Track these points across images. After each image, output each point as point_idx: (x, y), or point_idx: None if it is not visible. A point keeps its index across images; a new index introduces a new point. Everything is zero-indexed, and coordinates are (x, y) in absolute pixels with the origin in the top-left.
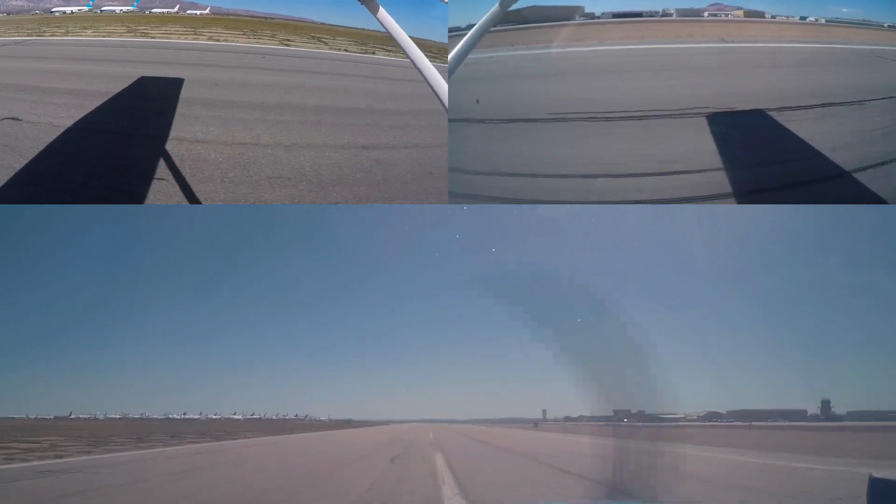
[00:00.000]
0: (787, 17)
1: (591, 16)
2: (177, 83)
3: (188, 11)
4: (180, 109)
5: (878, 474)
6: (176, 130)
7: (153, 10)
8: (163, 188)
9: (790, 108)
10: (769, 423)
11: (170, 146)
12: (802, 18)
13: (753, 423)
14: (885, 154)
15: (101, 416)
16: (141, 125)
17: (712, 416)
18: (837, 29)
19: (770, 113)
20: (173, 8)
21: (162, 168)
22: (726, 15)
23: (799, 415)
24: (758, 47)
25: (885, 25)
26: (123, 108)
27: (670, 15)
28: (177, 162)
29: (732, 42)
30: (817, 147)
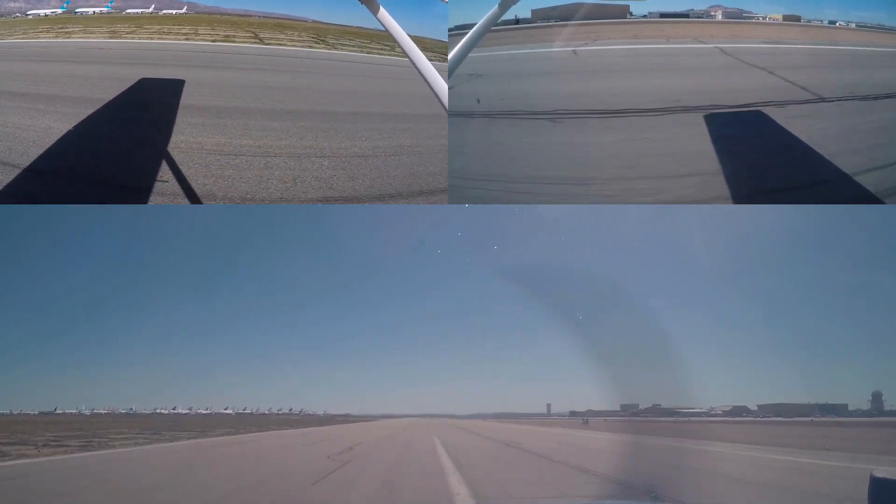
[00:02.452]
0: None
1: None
2: (177, 84)
3: (164, 11)
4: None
5: (879, 473)
6: None
7: (128, 11)
8: (164, 189)
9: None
10: (814, 419)
11: None
12: (832, 23)
13: (815, 419)
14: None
15: (88, 412)
16: (143, 126)
17: (739, 410)
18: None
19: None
20: (148, 8)
21: (164, 169)
22: (765, 18)
23: (839, 409)
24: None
25: None
26: (124, 108)
27: (714, 16)
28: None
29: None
30: (818, 146)
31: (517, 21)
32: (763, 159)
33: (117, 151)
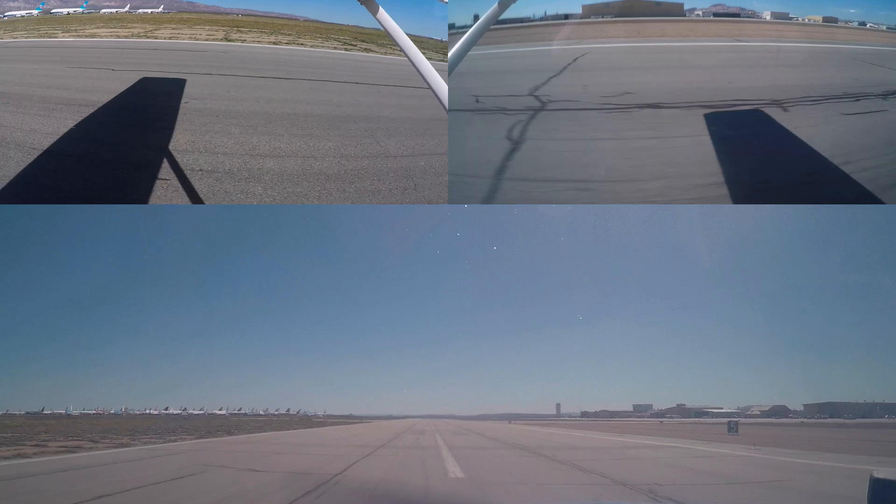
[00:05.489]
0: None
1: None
2: (178, 83)
3: (139, 10)
4: None
5: (879, 474)
6: None
7: (103, 11)
8: (164, 188)
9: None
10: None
11: None
12: (861, 24)
13: None
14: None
15: (77, 413)
16: (143, 126)
17: (779, 410)
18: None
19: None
20: (124, 7)
21: (164, 168)
22: (804, 19)
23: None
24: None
25: None
26: (125, 108)
27: (761, 17)
28: None
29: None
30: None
31: (566, 17)
32: None
33: (117, 151)
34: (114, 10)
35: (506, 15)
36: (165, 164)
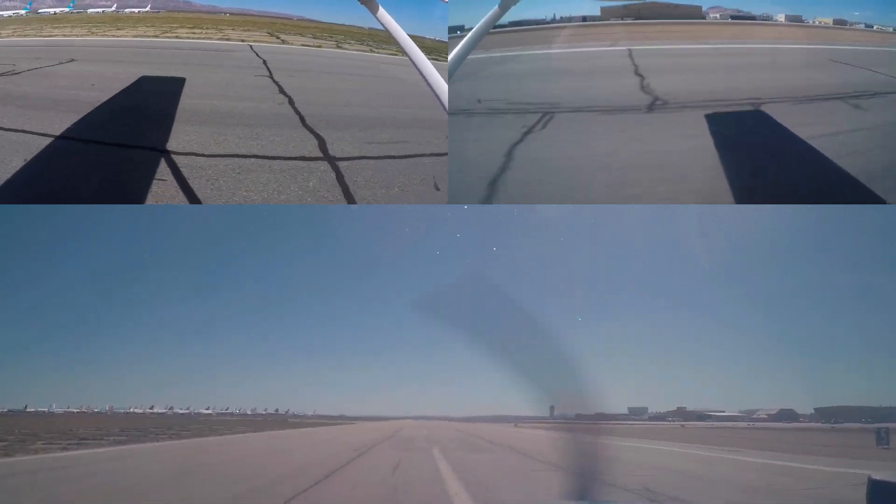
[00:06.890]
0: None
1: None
2: (178, 82)
3: (126, 10)
4: None
5: (877, 476)
6: None
7: (90, 11)
8: (163, 188)
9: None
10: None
11: None
12: (868, 26)
13: None
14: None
15: (60, 411)
16: (142, 125)
17: (785, 414)
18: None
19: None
20: (111, 7)
21: (163, 168)
22: (814, 21)
23: None
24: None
25: None
26: (125, 107)
27: (778, 20)
28: None
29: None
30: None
31: (584, 19)
32: None
33: (116, 150)
34: (100, 10)
35: (511, 18)
36: (164, 163)
